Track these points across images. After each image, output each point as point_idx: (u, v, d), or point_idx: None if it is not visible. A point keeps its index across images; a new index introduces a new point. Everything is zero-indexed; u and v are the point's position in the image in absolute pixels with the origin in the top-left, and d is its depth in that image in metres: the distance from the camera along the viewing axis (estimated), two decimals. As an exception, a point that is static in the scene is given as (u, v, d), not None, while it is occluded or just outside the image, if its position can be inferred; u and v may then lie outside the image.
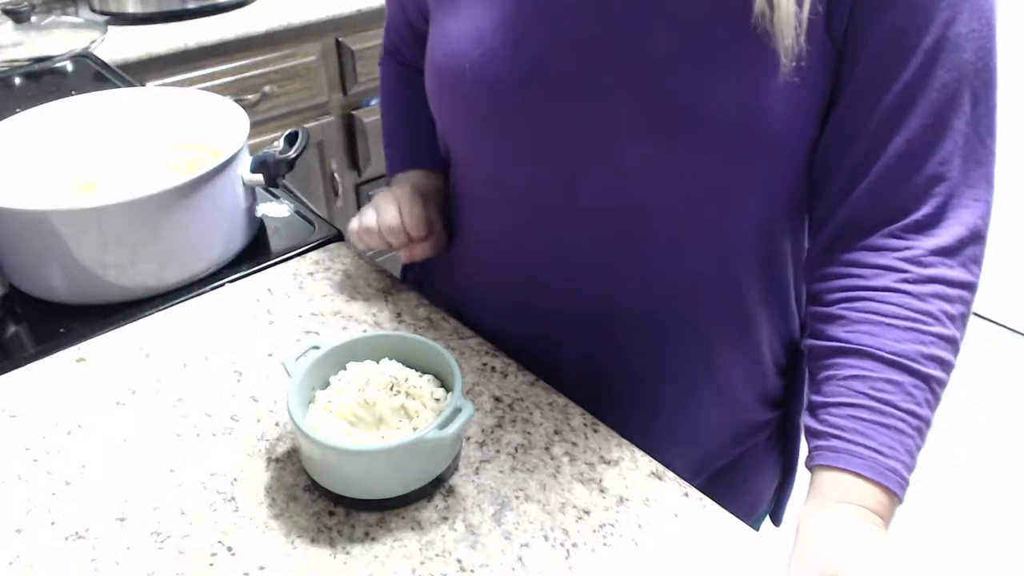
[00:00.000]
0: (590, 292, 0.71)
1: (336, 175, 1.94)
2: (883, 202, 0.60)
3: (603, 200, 0.66)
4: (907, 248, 0.59)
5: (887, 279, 0.59)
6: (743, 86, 0.58)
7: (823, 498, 0.56)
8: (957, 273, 0.58)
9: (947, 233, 0.58)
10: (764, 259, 0.70)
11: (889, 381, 0.56)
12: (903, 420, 0.56)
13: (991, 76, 0.58)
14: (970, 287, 0.59)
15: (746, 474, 0.84)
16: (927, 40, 0.56)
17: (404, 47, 0.86)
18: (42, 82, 1.42)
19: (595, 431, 0.65)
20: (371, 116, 1.90)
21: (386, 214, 0.76)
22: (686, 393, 0.75)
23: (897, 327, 0.57)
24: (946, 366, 0.58)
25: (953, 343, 0.58)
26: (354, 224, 0.78)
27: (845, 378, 0.58)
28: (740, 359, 0.75)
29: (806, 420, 0.60)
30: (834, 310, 0.60)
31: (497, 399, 0.68)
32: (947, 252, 0.58)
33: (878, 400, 0.56)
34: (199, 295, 0.81)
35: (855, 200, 0.61)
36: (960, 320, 0.59)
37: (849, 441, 0.56)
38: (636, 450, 0.63)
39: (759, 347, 0.75)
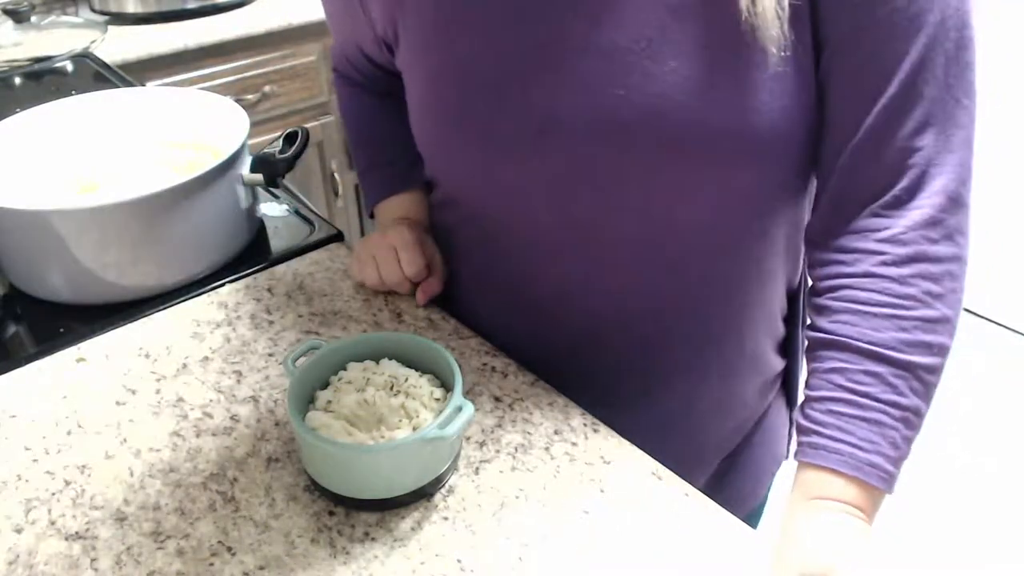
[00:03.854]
0: (603, 305, 0.70)
1: (336, 175, 1.94)
2: (861, 180, 0.59)
3: (629, 227, 0.65)
4: (887, 227, 0.58)
5: (867, 264, 0.58)
6: (743, 92, 0.57)
7: (805, 496, 0.56)
8: (941, 248, 0.57)
9: (926, 203, 0.57)
10: (787, 236, 0.69)
11: (867, 372, 0.56)
12: (884, 412, 0.55)
13: (965, 36, 0.55)
14: (956, 259, 0.58)
15: (768, 428, 0.83)
16: (884, 11, 0.54)
17: (355, 71, 0.85)
18: (42, 82, 1.42)
19: (595, 431, 0.65)
20: (371, 116, 1.90)
21: (386, 269, 0.78)
22: (725, 367, 0.75)
23: (876, 315, 0.57)
24: (935, 349, 0.57)
25: (942, 323, 0.57)
26: (358, 279, 0.81)
27: (826, 371, 0.58)
28: (763, 323, 0.74)
29: (796, 415, 0.60)
30: (821, 300, 0.60)
31: (497, 399, 0.68)
32: (928, 224, 0.57)
33: (856, 393, 0.56)
34: (199, 295, 0.81)
35: (836, 182, 0.60)
36: (950, 296, 0.57)
37: (828, 437, 0.56)
38: (636, 450, 0.63)
39: (773, 305, 0.75)
